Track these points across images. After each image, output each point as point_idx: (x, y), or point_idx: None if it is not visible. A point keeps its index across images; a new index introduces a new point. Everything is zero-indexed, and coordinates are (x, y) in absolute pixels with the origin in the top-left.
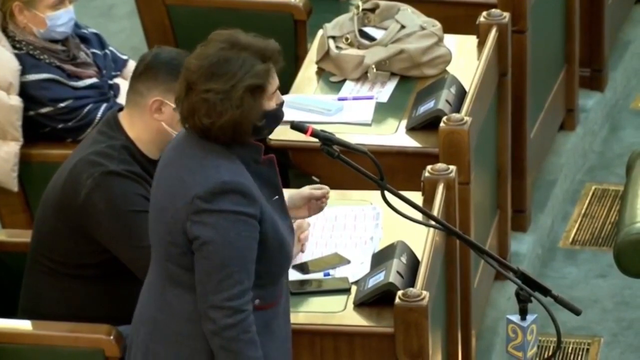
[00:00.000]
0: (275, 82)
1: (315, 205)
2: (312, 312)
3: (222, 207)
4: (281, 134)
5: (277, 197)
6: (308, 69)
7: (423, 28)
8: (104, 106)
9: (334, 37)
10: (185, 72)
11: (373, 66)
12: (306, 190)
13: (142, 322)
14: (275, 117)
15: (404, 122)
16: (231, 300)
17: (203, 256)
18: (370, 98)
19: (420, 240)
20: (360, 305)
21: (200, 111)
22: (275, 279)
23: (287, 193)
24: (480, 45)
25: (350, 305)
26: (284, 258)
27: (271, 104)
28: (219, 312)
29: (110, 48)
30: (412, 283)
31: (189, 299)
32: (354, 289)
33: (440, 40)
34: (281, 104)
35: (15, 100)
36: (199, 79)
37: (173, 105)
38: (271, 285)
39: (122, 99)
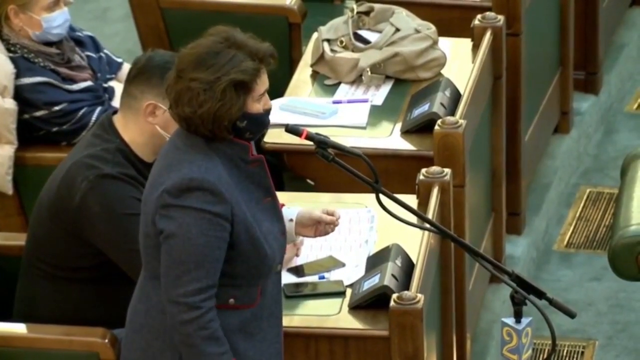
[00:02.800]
0: (263, 84)
1: (323, 229)
2: (307, 315)
3: (187, 204)
4: (276, 137)
5: (269, 198)
6: (303, 72)
7: (418, 31)
8: (98, 109)
9: (328, 40)
10: (177, 60)
11: (368, 69)
12: (316, 213)
13: (128, 312)
14: (258, 122)
15: (398, 125)
16: (187, 297)
17: (165, 250)
18: (365, 101)
19: (415, 243)
20: (355, 308)
21: (184, 99)
22: (252, 281)
23: (298, 209)
24: (475, 48)
25: (345, 308)
26: (260, 261)
27: (257, 107)
28: (175, 307)
29: (105, 51)
30: (407, 286)
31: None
32: (348, 292)
33: (435, 43)
34: (268, 110)
35: (10, 104)
36: (187, 67)
37: (167, 109)
38: (247, 286)
39: (116, 102)
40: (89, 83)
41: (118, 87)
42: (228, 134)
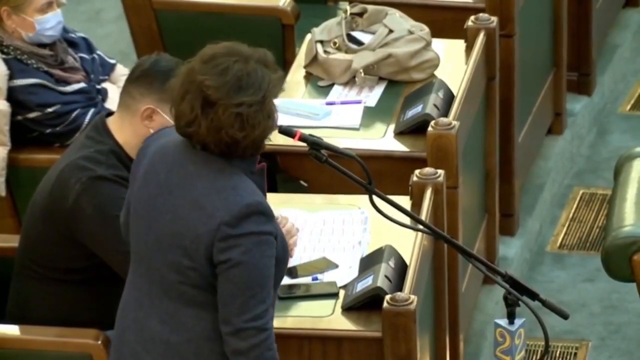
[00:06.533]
0: None
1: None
2: (300, 317)
3: (247, 230)
4: (269, 138)
5: None
6: (296, 73)
7: (411, 32)
8: (91, 111)
9: (322, 42)
10: (203, 89)
11: (361, 70)
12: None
13: (145, 347)
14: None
15: (392, 127)
16: (255, 320)
17: (228, 279)
18: (358, 102)
19: (409, 244)
20: (349, 309)
21: (232, 126)
22: (278, 286)
23: None
24: (468, 49)
25: (339, 309)
26: (285, 264)
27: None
28: (244, 333)
29: (98, 52)
30: (400, 287)
31: (207, 318)
32: (342, 293)
33: (428, 44)
34: None
35: (3, 105)
36: (226, 94)
37: (165, 115)
38: (275, 293)
39: (110, 104)
40: (82, 84)
41: (111, 88)
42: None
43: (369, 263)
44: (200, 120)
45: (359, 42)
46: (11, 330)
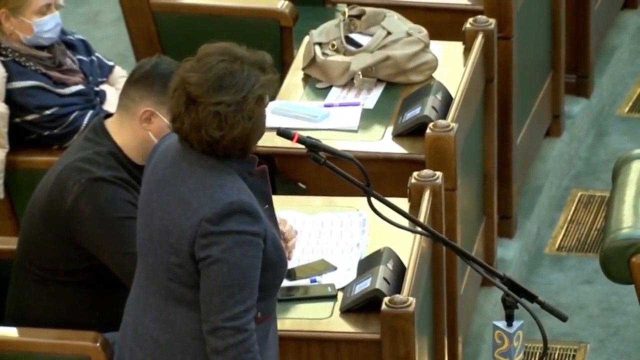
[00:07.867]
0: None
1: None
2: (298, 319)
3: (229, 228)
4: (267, 140)
5: (267, 206)
6: (294, 75)
7: (409, 34)
8: (90, 113)
9: (320, 44)
10: (186, 86)
11: (359, 72)
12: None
13: (139, 343)
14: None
15: (390, 129)
16: (233, 320)
17: (208, 276)
18: (357, 104)
19: (407, 246)
20: (347, 311)
21: (211, 124)
22: (273, 291)
23: None
24: (467, 51)
25: (337, 311)
26: (283, 268)
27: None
28: (221, 331)
29: (97, 54)
30: (398, 289)
31: (195, 317)
32: (340, 295)
33: (427, 46)
34: None
35: (1, 107)
36: (206, 92)
37: (163, 118)
38: (271, 298)
39: (108, 106)
40: (80, 87)
41: (109, 90)
42: (253, 150)
43: (367, 265)
44: (184, 117)
45: (357, 44)
46: (10, 332)
